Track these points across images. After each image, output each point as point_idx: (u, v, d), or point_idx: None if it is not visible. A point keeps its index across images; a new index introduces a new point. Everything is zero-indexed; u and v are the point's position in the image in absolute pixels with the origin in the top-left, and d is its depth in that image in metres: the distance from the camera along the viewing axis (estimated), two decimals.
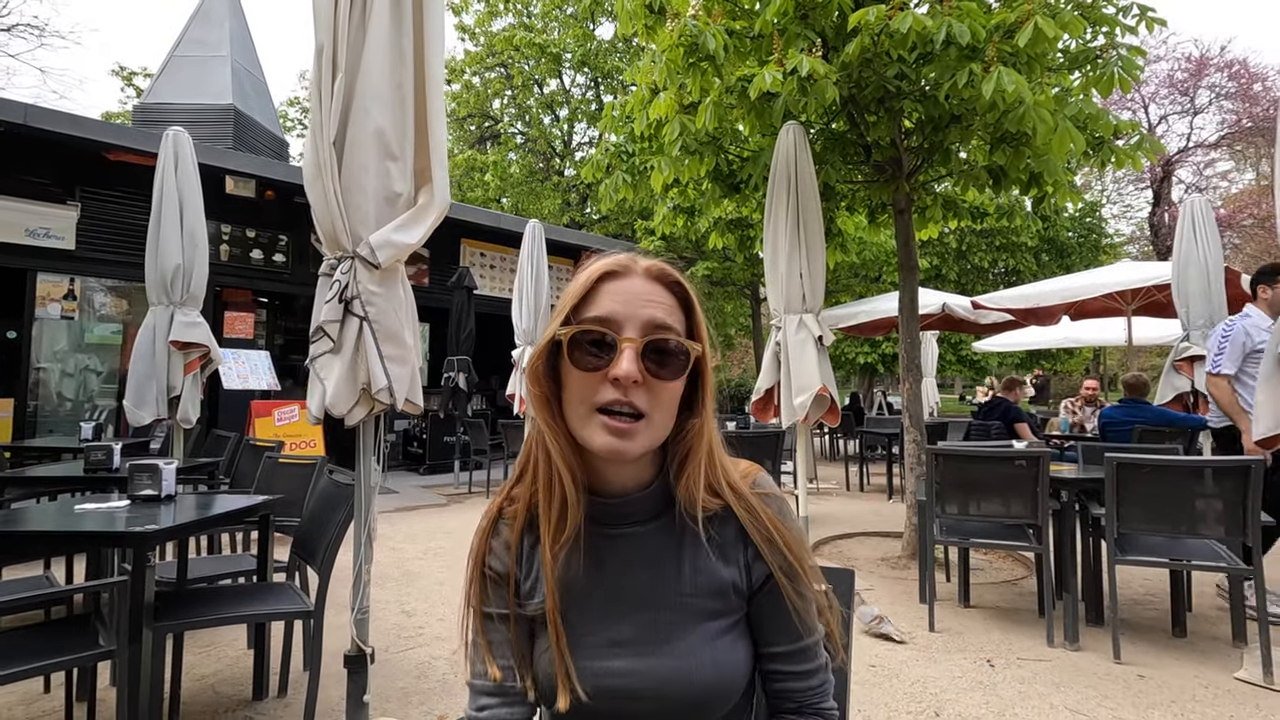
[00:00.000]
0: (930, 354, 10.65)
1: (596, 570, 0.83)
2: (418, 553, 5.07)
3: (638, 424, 0.75)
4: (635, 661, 0.79)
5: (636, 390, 0.74)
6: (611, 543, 0.83)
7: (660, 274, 0.81)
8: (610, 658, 0.79)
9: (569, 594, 0.82)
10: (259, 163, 7.73)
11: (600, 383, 0.75)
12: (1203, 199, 5.24)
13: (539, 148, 18.89)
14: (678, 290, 0.81)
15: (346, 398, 2.02)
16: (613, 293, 0.78)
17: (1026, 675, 2.94)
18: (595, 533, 0.83)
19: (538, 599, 0.83)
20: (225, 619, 2.33)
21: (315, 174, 2.04)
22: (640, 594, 0.82)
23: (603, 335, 0.75)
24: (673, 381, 0.77)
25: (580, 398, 0.76)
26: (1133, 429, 5.00)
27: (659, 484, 0.84)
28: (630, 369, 0.73)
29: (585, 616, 0.82)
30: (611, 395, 0.74)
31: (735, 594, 0.83)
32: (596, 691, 0.78)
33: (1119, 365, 20.37)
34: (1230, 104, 20.77)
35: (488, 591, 0.85)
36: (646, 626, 0.80)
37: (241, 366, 7.40)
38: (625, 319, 0.76)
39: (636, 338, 0.75)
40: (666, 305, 0.79)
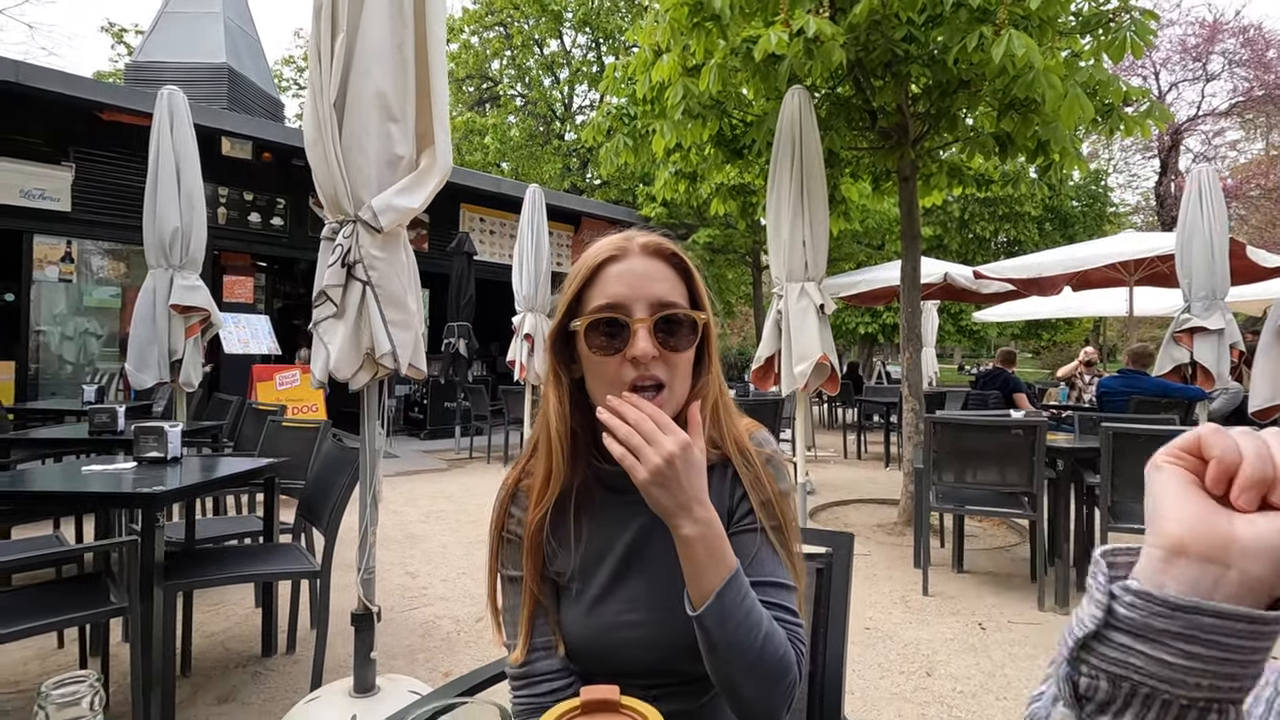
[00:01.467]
0: (931, 324, 10.65)
1: (615, 534, 0.88)
2: (419, 516, 5.14)
3: (661, 395, 0.80)
4: (649, 615, 0.84)
5: (655, 364, 0.79)
6: (630, 508, 0.87)
7: (657, 249, 0.84)
8: (628, 613, 0.85)
9: (591, 558, 0.87)
10: (255, 124, 7.62)
11: (620, 364, 0.80)
12: (1210, 169, 5.17)
13: (539, 111, 18.58)
14: (676, 262, 0.85)
15: (350, 362, 2.03)
16: (616, 276, 0.82)
17: (1017, 638, 3.01)
18: (614, 501, 0.88)
19: (558, 564, 0.88)
20: (234, 578, 2.38)
21: (316, 136, 2.01)
22: (655, 554, 0.86)
23: (615, 320, 0.80)
24: (685, 351, 0.82)
25: (605, 380, 0.81)
26: (1130, 399, 5.03)
27: None
28: (646, 347, 0.78)
29: (607, 578, 0.87)
30: (634, 374, 0.79)
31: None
32: (617, 643, 0.84)
33: (1119, 336, 20.39)
34: (1243, 71, 20.36)
35: (511, 557, 0.89)
36: (661, 584, 0.85)
37: (242, 331, 7.40)
38: (633, 300, 0.80)
39: (647, 316, 0.80)
40: (668, 279, 0.83)
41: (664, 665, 0.84)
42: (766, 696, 0.77)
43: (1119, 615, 0.36)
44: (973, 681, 2.61)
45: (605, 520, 0.88)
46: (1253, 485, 0.35)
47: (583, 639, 0.85)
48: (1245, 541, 0.34)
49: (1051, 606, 3.36)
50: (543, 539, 0.86)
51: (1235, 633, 0.33)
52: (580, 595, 0.87)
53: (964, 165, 5.57)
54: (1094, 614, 0.36)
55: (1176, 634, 0.34)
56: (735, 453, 0.88)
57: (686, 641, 0.81)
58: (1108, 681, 0.36)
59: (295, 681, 2.53)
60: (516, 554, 0.88)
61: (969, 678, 2.65)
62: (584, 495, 0.88)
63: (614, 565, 0.87)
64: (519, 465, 0.93)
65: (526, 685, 0.85)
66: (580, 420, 0.87)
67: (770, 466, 0.88)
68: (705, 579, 0.74)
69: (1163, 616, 0.34)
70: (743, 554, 0.84)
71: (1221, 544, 0.34)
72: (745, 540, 0.86)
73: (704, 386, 0.86)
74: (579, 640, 0.85)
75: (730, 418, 0.90)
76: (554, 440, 0.85)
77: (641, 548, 0.87)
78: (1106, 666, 0.36)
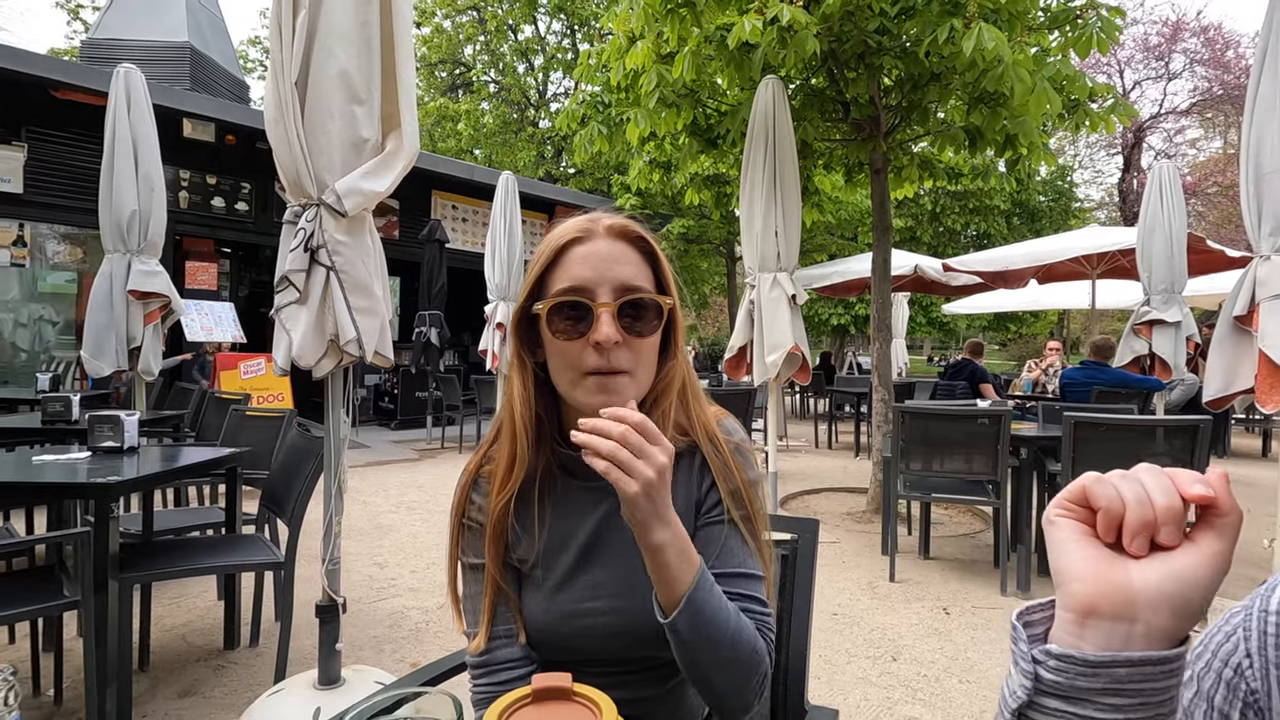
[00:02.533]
0: (901, 315, 10.80)
1: (577, 521, 0.87)
2: (390, 507, 5.08)
3: (623, 379, 0.78)
4: (611, 602, 0.83)
5: (618, 350, 0.77)
6: (592, 494, 0.87)
7: (623, 231, 0.82)
8: (589, 599, 0.84)
9: (552, 544, 0.86)
10: (218, 105, 7.40)
11: (583, 348, 0.77)
12: (1171, 165, 5.31)
13: (513, 97, 18.35)
14: (642, 245, 0.83)
15: (314, 349, 1.99)
16: (580, 258, 0.79)
17: (980, 622, 3.08)
18: (577, 487, 0.87)
19: (520, 551, 0.87)
20: (194, 570, 2.32)
21: (277, 116, 1.96)
22: (616, 542, 0.85)
23: (578, 303, 0.77)
24: (650, 337, 0.80)
25: (566, 364, 0.79)
26: (1092, 389, 5.15)
27: None
28: (609, 333, 0.76)
29: (568, 565, 0.86)
30: (595, 360, 0.77)
31: (692, 523, 0.87)
32: (578, 630, 0.83)
33: (1082, 329, 20.89)
34: (1203, 70, 20.90)
35: (471, 544, 0.88)
36: (623, 571, 0.84)
37: (205, 318, 7.21)
38: (596, 283, 0.78)
39: (610, 301, 0.78)
40: (634, 263, 0.81)
41: (629, 652, 0.84)
42: (739, 689, 0.77)
43: (1046, 680, 0.38)
44: (936, 665, 2.67)
45: (568, 507, 0.87)
46: (1138, 531, 0.37)
47: (544, 626, 0.84)
48: (1144, 596, 0.37)
49: (1014, 591, 3.44)
50: (506, 525, 0.85)
51: (1149, 676, 0.36)
52: (542, 582, 0.85)
53: (935, 158, 5.64)
54: (1023, 684, 0.38)
55: (1100, 690, 0.36)
56: (704, 439, 0.87)
57: (651, 627, 0.80)
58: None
59: (259, 674, 2.49)
60: (477, 541, 0.87)
61: (933, 661, 2.70)
62: (547, 481, 0.87)
63: (577, 552, 0.86)
64: (481, 451, 0.91)
65: (486, 674, 0.84)
66: (544, 405, 0.85)
67: (739, 455, 0.88)
68: (676, 584, 0.72)
69: (1085, 676, 0.37)
70: (712, 545, 0.84)
71: (1125, 601, 0.37)
72: (714, 531, 0.85)
73: (669, 372, 0.85)
74: (540, 627, 0.84)
75: (699, 404, 0.89)
76: (518, 425, 0.83)
77: (604, 534, 0.86)
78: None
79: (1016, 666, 0.40)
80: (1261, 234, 2.64)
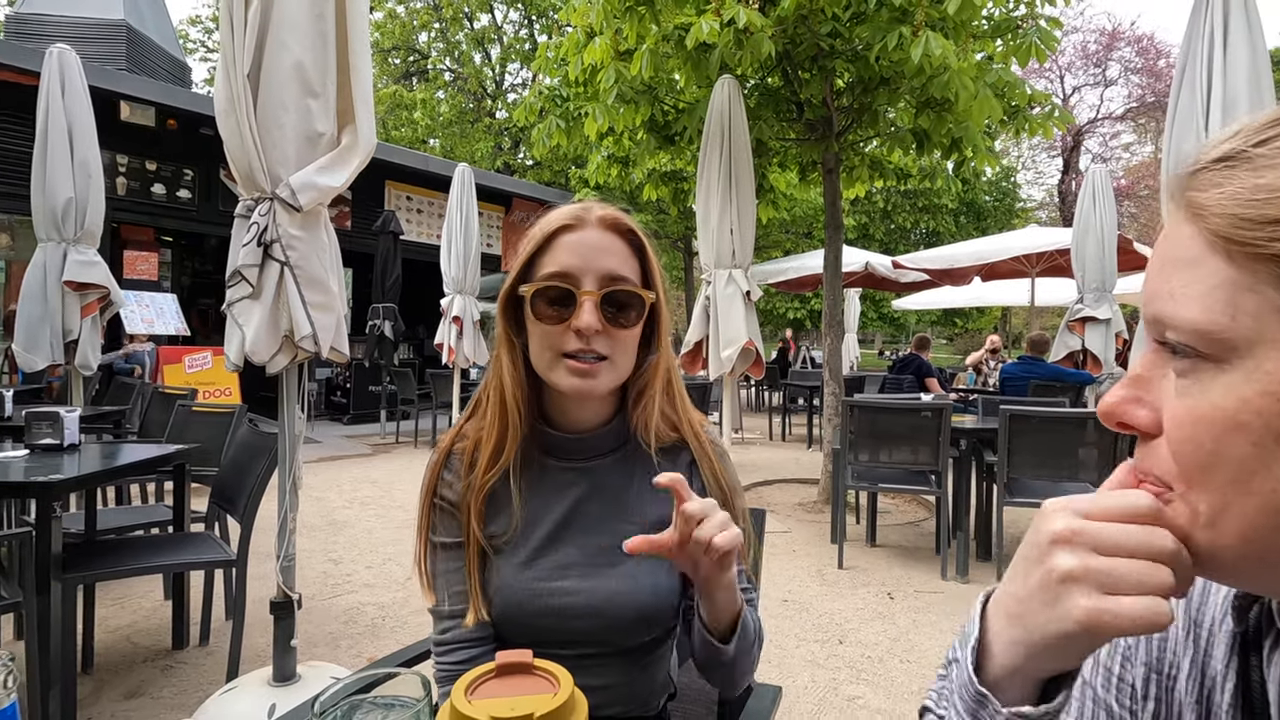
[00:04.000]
0: (853, 311, 11.08)
1: (551, 500, 0.89)
2: (344, 502, 5.01)
3: (600, 364, 0.81)
4: (579, 583, 0.85)
5: (598, 337, 0.80)
6: (569, 475, 0.89)
7: (614, 223, 0.85)
8: (557, 579, 0.85)
9: (524, 522, 0.87)
10: (158, 88, 7.11)
11: (564, 332, 0.80)
12: (1104, 169, 5.59)
13: (470, 87, 18.07)
14: (631, 238, 0.86)
15: (268, 345, 1.97)
16: (569, 245, 0.81)
17: (921, 606, 3.23)
18: (554, 466, 0.89)
19: (491, 527, 0.87)
20: (141, 569, 2.27)
21: (228, 108, 1.93)
22: (591, 521, 0.88)
23: (562, 289, 0.80)
24: (632, 328, 0.83)
25: (546, 345, 0.81)
26: (1029, 383, 5.41)
27: (618, 420, 0.91)
28: (590, 320, 0.78)
29: (538, 542, 0.87)
30: (575, 344, 0.79)
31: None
32: (542, 609, 0.84)
33: (1023, 325, 21.76)
34: (1137, 78, 21.95)
35: (440, 523, 0.89)
36: (593, 552, 0.87)
37: (146, 310, 6.95)
38: (583, 271, 0.80)
39: (595, 290, 0.80)
40: (621, 254, 0.84)
41: (593, 635, 0.85)
42: (750, 670, 0.86)
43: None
44: (880, 647, 2.80)
45: (544, 485, 0.88)
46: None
47: (511, 602, 0.84)
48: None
49: (953, 576, 3.61)
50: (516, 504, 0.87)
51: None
52: (510, 558, 0.86)
53: (885, 159, 5.81)
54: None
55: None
56: (692, 437, 0.91)
57: (617, 611, 0.84)
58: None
59: (210, 673, 2.45)
60: (448, 520, 0.88)
61: (877, 644, 2.83)
62: (524, 459, 0.88)
63: (549, 530, 0.87)
64: (455, 429, 0.92)
65: (449, 651, 0.85)
66: (530, 384, 0.87)
67: (724, 462, 0.92)
68: (729, 608, 0.79)
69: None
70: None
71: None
72: None
73: (652, 366, 0.88)
74: (508, 604, 0.84)
75: (685, 404, 0.92)
76: (509, 403, 0.84)
77: (578, 515, 0.88)
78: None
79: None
80: None
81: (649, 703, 0.94)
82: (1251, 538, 0.34)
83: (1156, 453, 0.38)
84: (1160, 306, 0.37)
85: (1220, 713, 0.43)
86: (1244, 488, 0.34)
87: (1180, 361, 0.36)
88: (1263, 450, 0.33)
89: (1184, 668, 0.46)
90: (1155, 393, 0.38)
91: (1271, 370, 0.33)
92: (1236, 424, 0.33)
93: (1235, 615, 0.43)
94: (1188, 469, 0.36)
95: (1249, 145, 0.35)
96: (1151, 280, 0.39)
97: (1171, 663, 0.46)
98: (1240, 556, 0.35)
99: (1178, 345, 0.36)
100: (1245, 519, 0.34)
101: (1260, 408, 0.33)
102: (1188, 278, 0.36)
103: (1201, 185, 0.36)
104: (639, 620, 0.86)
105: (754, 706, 1.07)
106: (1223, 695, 0.43)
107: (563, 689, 0.52)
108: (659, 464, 0.88)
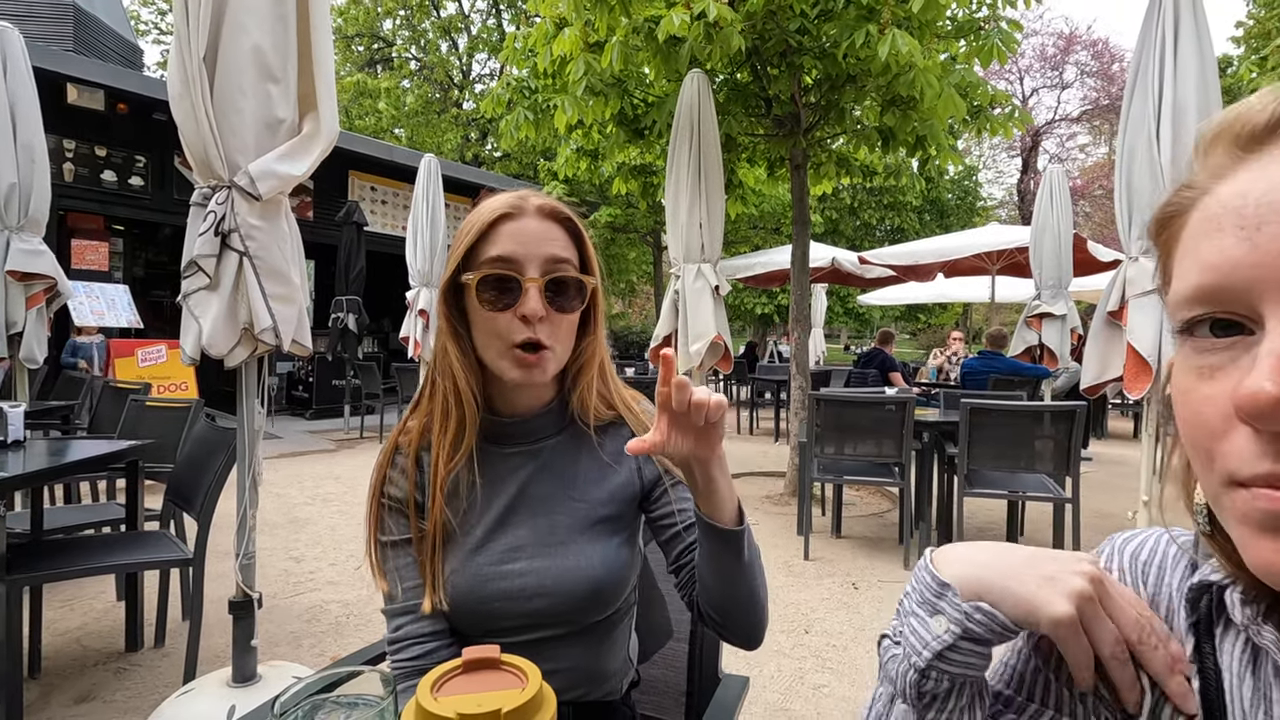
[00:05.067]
0: (820, 306, 11.22)
1: (498, 485, 0.89)
2: (306, 499, 4.90)
3: (545, 354, 0.82)
4: (531, 563, 0.86)
5: (542, 325, 0.81)
6: (512, 459, 0.90)
7: (552, 212, 0.86)
8: (508, 561, 0.86)
9: (472, 508, 0.88)
10: (108, 70, 6.84)
11: (510, 321, 0.81)
12: (1061, 169, 5.75)
13: (436, 77, 17.77)
14: (569, 226, 0.87)
15: (226, 338, 1.91)
16: (510, 234, 0.82)
17: (884, 595, 3.30)
18: (496, 452, 0.90)
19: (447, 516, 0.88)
20: (91, 569, 2.19)
21: (183, 92, 1.86)
22: (538, 503, 0.89)
23: (506, 276, 0.81)
24: (572, 314, 0.85)
25: (492, 333, 0.82)
26: (989, 377, 5.55)
27: (557, 402, 0.93)
28: (536, 306, 0.80)
29: (487, 527, 0.88)
30: (523, 334, 0.81)
31: (627, 501, 0.92)
32: (495, 593, 0.85)
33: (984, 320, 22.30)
34: (1093, 81, 22.61)
35: (388, 521, 0.88)
36: (544, 531, 0.88)
37: (96, 302, 6.69)
38: (526, 258, 0.81)
39: (538, 276, 0.81)
40: (561, 241, 0.85)
41: (548, 614, 0.85)
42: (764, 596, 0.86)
43: (973, 631, 0.43)
44: (844, 636, 2.85)
45: (488, 472, 0.89)
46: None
47: (464, 589, 0.84)
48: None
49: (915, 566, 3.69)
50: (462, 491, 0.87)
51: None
52: (461, 545, 0.86)
53: (851, 156, 5.89)
54: (951, 629, 0.43)
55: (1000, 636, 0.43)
56: (627, 412, 0.93)
57: (569, 588, 0.85)
58: (949, 680, 0.44)
59: (166, 676, 2.39)
60: (396, 517, 0.88)
61: (841, 633, 2.88)
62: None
63: (496, 515, 0.88)
64: (399, 427, 0.93)
65: (403, 648, 0.85)
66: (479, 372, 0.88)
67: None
68: (730, 500, 0.79)
69: (1002, 633, 0.43)
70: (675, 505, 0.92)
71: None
72: (669, 496, 0.92)
73: (588, 347, 0.90)
74: (461, 591, 0.84)
75: (616, 381, 0.95)
76: (464, 394, 0.85)
77: (526, 497, 0.89)
78: (955, 669, 0.43)
79: (938, 617, 0.44)
80: (1131, 238, 2.92)
81: (610, 684, 0.94)
82: None
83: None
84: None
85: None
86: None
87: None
88: None
89: None
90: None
91: None
92: None
93: (1189, 606, 0.44)
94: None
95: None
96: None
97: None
98: None
99: None
100: None
101: None
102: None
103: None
104: (592, 595, 0.86)
105: (722, 696, 1.08)
106: None
107: (530, 684, 0.52)
108: (599, 442, 0.91)
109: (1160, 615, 0.47)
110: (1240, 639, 0.42)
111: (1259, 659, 0.41)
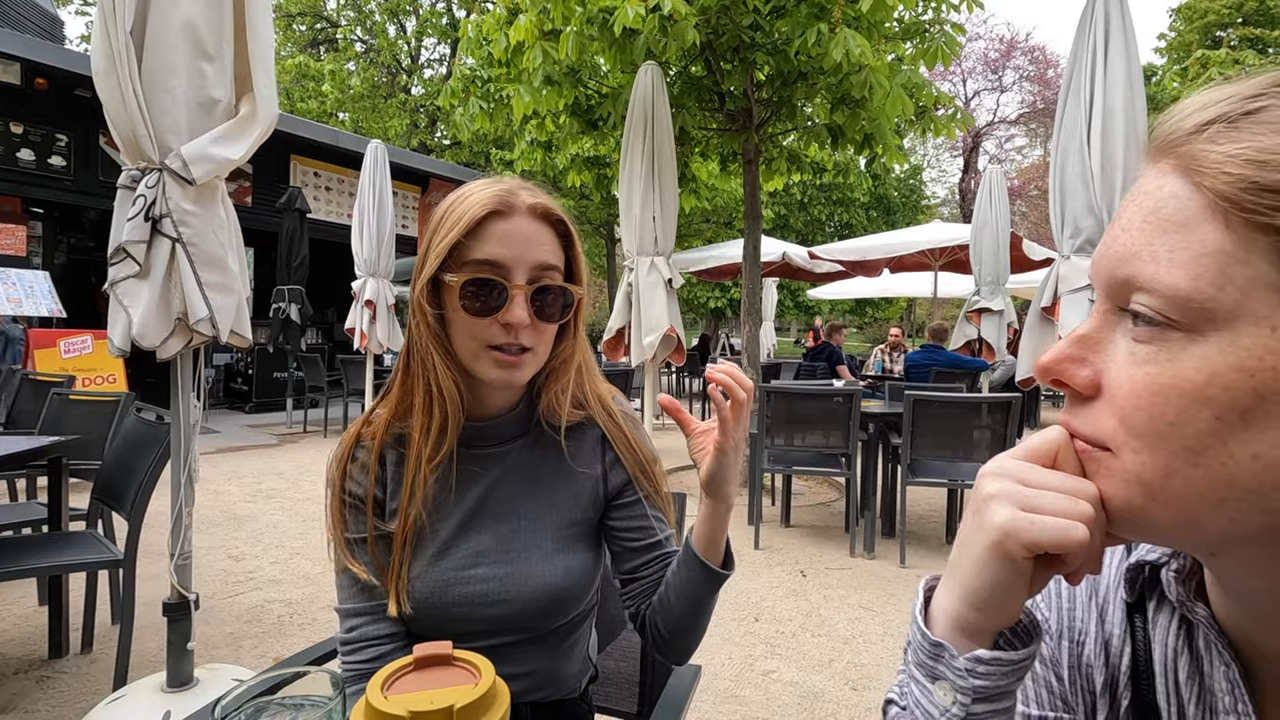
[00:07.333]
0: (770, 299, 11.39)
1: (464, 488, 0.87)
2: (246, 495, 4.73)
3: (524, 356, 0.80)
4: (494, 569, 0.85)
5: (524, 331, 0.79)
6: (479, 461, 0.88)
7: (545, 213, 0.83)
8: (471, 567, 0.84)
9: (437, 512, 0.85)
10: (23, 42, 6.40)
11: (490, 324, 0.78)
12: (1000, 170, 5.98)
13: (383, 60, 17.26)
14: (560, 229, 0.84)
15: (158, 328, 1.82)
16: (500, 235, 0.78)
17: (832, 582, 3.39)
18: (463, 454, 0.87)
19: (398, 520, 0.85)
20: (11, 573, 2.07)
21: (108, 67, 1.76)
22: (502, 507, 0.87)
23: (493, 281, 0.77)
24: (556, 322, 0.83)
25: (471, 335, 0.79)
26: (930, 370, 5.74)
27: (524, 404, 0.91)
28: (521, 315, 0.77)
29: (451, 531, 0.86)
30: (502, 338, 0.78)
31: (591, 504, 0.91)
32: (456, 598, 0.83)
33: (926, 315, 23.03)
34: (1030, 85, 23.54)
35: (348, 518, 0.85)
36: (506, 536, 0.86)
37: (13, 289, 6.27)
38: (514, 264, 0.78)
39: (525, 284, 0.78)
40: (550, 245, 0.82)
41: (509, 621, 0.84)
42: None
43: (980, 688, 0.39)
44: (793, 623, 2.91)
45: (455, 474, 0.87)
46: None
47: (425, 593, 0.82)
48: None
49: (860, 553, 3.80)
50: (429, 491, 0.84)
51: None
52: (423, 551, 0.84)
53: (802, 152, 5.98)
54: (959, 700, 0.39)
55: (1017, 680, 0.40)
56: (599, 411, 0.91)
57: (531, 595, 0.84)
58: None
59: (94, 683, 2.27)
60: (355, 515, 0.85)
61: (790, 619, 2.95)
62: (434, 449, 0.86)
63: (460, 518, 0.86)
64: (363, 417, 0.89)
65: (356, 650, 0.83)
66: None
67: (635, 427, 0.93)
68: (724, 536, 0.81)
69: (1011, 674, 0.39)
70: (639, 521, 0.90)
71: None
72: (636, 509, 0.91)
73: (565, 350, 0.88)
74: (422, 595, 0.82)
75: (593, 379, 0.92)
76: (446, 392, 0.81)
77: (490, 502, 0.87)
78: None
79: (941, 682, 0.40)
80: (1064, 237, 3.06)
81: (570, 685, 0.95)
82: (1191, 506, 0.34)
83: (1091, 415, 0.38)
84: (1138, 268, 0.35)
85: (1118, 674, 0.46)
86: (1195, 459, 0.33)
87: (1141, 329, 0.35)
88: (1224, 425, 0.32)
89: (1090, 631, 0.49)
90: (1102, 355, 0.37)
91: (1249, 346, 0.31)
92: (1204, 397, 0.32)
93: (1127, 585, 0.47)
94: (1139, 435, 0.35)
95: (1255, 106, 0.33)
96: (1125, 239, 0.36)
97: (1080, 629, 0.49)
98: (1174, 523, 0.35)
99: (1144, 311, 0.34)
100: (1189, 488, 0.34)
101: (1229, 382, 0.32)
102: (1176, 241, 0.34)
103: (1209, 141, 0.34)
104: (553, 603, 0.85)
105: (674, 685, 1.09)
106: (1120, 658, 0.46)
107: (484, 679, 0.52)
108: (566, 446, 0.89)
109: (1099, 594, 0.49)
110: (1175, 615, 0.44)
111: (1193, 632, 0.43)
